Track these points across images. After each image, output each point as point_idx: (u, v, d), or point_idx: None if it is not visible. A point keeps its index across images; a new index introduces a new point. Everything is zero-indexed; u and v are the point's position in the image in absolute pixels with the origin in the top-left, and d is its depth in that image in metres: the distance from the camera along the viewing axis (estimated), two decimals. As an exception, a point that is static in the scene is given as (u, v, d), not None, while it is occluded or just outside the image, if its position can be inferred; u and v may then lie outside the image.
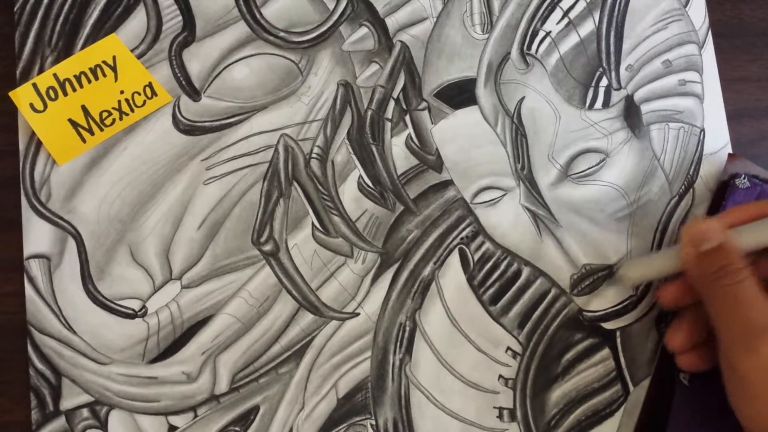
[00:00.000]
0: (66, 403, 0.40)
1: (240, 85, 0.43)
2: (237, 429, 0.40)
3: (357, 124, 0.43)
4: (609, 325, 0.42)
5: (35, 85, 0.42)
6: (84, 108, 0.42)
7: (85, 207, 0.42)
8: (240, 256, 0.41)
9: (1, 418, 0.40)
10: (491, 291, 0.42)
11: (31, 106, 0.41)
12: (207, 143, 0.42)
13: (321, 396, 0.40)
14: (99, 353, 0.40)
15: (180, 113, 0.43)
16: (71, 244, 0.41)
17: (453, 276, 0.42)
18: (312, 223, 0.42)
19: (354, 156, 0.43)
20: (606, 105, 0.44)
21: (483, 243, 0.42)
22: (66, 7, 0.43)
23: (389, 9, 0.44)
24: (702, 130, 0.44)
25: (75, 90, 0.42)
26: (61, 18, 0.43)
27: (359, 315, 0.41)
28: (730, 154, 0.44)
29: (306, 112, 0.43)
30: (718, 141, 0.44)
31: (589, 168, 0.43)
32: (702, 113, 0.44)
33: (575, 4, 0.45)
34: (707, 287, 0.35)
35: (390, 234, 0.42)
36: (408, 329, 0.41)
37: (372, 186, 0.43)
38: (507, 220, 0.42)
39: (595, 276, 0.42)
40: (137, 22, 0.43)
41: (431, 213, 0.43)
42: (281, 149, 0.43)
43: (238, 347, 0.41)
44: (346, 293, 0.41)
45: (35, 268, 0.41)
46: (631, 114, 0.44)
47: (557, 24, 0.45)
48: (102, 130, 0.42)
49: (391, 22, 0.44)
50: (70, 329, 0.40)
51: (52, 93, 0.42)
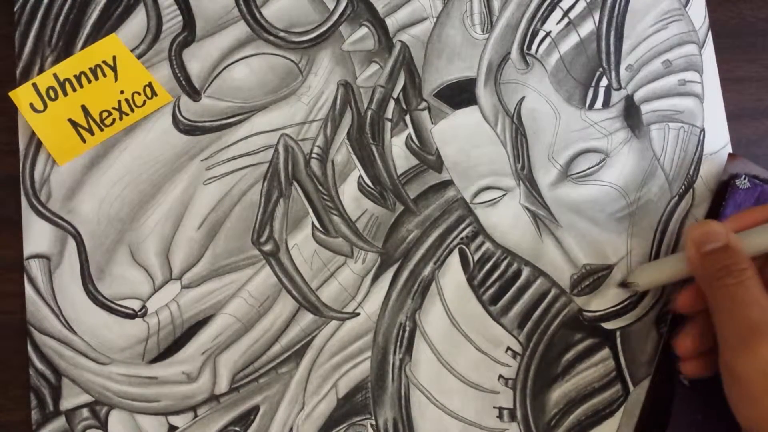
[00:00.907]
0: (66, 403, 0.40)
1: (240, 85, 0.43)
2: (237, 429, 0.40)
3: (357, 124, 0.43)
4: (609, 325, 0.42)
5: (35, 85, 0.42)
6: (84, 108, 0.42)
7: (85, 207, 0.42)
8: (240, 256, 0.41)
9: (1, 418, 0.40)
10: (491, 291, 0.42)
11: (31, 106, 0.41)
12: (207, 143, 0.42)
13: (321, 396, 0.40)
14: (99, 353, 0.40)
15: (180, 113, 0.43)
16: (71, 244, 0.41)
17: (453, 276, 0.42)
18: (312, 223, 0.42)
19: (354, 156, 0.43)
20: (606, 105, 0.44)
21: (483, 243, 0.42)
22: (66, 7, 0.43)
23: (389, 9, 0.44)
24: (702, 130, 0.44)
25: (75, 90, 0.42)
26: (61, 18, 0.43)
27: (359, 315, 0.41)
28: (730, 154, 0.44)
29: (306, 112, 0.43)
30: (718, 141, 0.44)
31: (589, 168, 0.43)
32: (702, 113, 0.44)
33: (575, 4, 0.45)
34: (710, 286, 0.34)
35: (390, 234, 0.42)
36: (408, 329, 0.41)
37: (372, 186, 0.43)
38: (507, 220, 0.42)
39: (595, 276, 0.42)
40: (137, 22, 0.43)
41: (431, 213, 0.43)
42: (281, 149, 0.43)
43: (238, 347, 0.41)
44: (346, 293, 0.41)
45: (35, 268, 0.41)
46: (631, 114, 0.44)
47: (557, 24, 0.45)
48: (102, 130, 0.42)
49: (391, 22, 0.44)
50: (70, 329, 0.40)
51: (52, 93, 0.42)
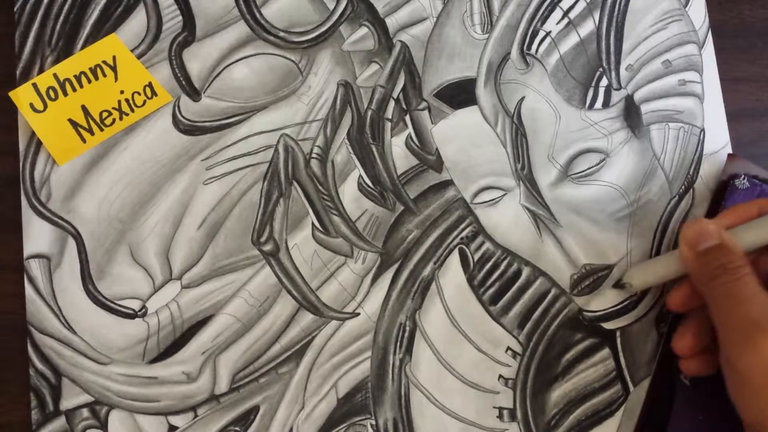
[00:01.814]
0: (66, 403, 0.40)
1: (240, 85, 0.43)
2: (237, 429, 0.40)
3: (357, 124, 0.43)
4: (609, 325, 0.42)
5: (35, 85, 0.42)
6: (84, 108, 0.42)
7: (85, 207, 0.42)
8: (240, 256, 0.41)
9: (1, 418, 0.40)
10: (491, 291, 0.42)
11: (31, 106, 0.41)
12: (207, 143, 0.42)
13: (321, 396, 0.40)
14: (99, 353, 0.40)
15: (180, 113, 0.43)
16: (71, 244, 0.41)
17: (453, 276, 0.42)
18: (312, 223, 0.42)
19: (354, 156, 0.43)
20: (606, 105, 0.44)
21: (483, 243, 0.42)
22: (66, 7, 0.43)
23: (389, 9, 0.44)
24: (702, 130, 0.44)
25: (75, 90, 0.42)
26: (61, 18, 0.43)
27: (359, 315, 0.41)
28: (729, 154, 0.44)
29: (306, 112, 0.43)
30: (718, 141, 0.44)
31: (589, 168, 0.43)
32: (702, 113, 0.44)
33: (575, 4, 0.45)
34: (707, 286, 0.34)
35: (390, 234, 0.42)
36: (408, 329, 0.41)
37: (372, 186, 0.43)
38: (507, 220, 0.42)
39: (595, 276, 0.42)
40: (137, 22, 0.43)
41: (431, 213, 0.43)
42: (281, 149, 0.43)
43: (238, 347, 0.41)
44: (346, 293, 0.41)
45: (35, 268, 0.41)
46: (631, 114, 0.44)
47: (557, 24, 0.45)
48: (102, 130, 0.42)
49: (391, 22, 0.44)
50: (70, 329, 0.40)
51: (52, 93, 0.42)
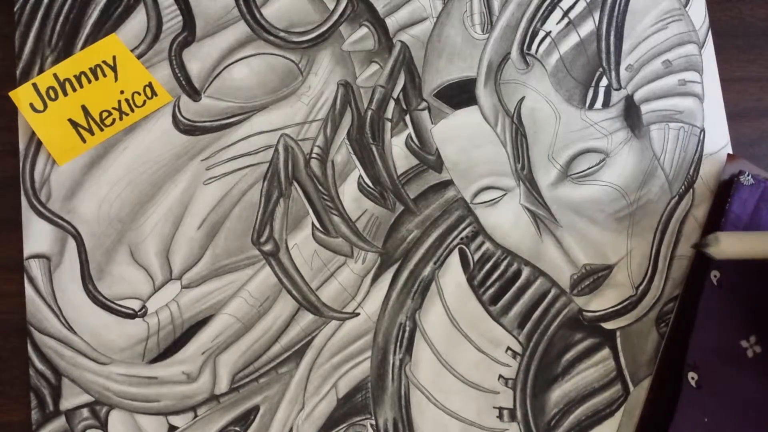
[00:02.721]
0: (66, 403, 0.40)
1: (240, 85, 0.43)
2: (237, 429, 0.40)
3: (357, 124, 0.43)
4: (609, 325, 0.42)
5: (35, 85, 0.42)
6: (84, 108, 0.42)
7: (85, 207, 0.42)
8: (240, 256, 0.41)
9: (1, 418, 0.40)
10: (491, 291, 0.42)
11: (31, 106, 0.41)
12: (207, 143, 0.42)
13: (321, 396, 0.40)
14: (99, 353, 0.40)
15: (180, 113, 0.43)
16: (71, 244, 0.41)
17: (453, 276, 0.42)
18: (312, 223, 0.42)
19: (354, 156, 0.43)
20: (606, 105, 0.44)
21: (483, 243, 0.42)
22: (66, 7, 0.43)
23: (389, 9, 0.44)
24: (702, 130, 0.44)
25: (75, 90, 0.42)
26: (61, 18, 0.43)
27: (359, 315, 0.41)
28: (729, 154, 0.44)
29: (306, 112, 0.43)
30: (718, 141, 0.44)
31: (589, 168, 0.43)
32: (702, 113, 0.44)
33: (575, 4, 0.45)
34: None
35: (390, 234, 0.42)
36: (408, 329, 0.41)
37: (372, 186, 0.43)
38: (507, 220, 0.42)
39: (595, 276, 0.42)
40: (137, 22, 0.43)
41: (431, 213, 0.43)
42: (281, 149, 0.43)
43: (238, 347, 0.41)
44: (346, 293, 0.41)
45: (35, 268, 0.41)
46: (631, 114, 0.44)
47: (557, 24, 0.45)
48: (102, 130, 0.42)
49: (391, 22, 0.44)
50: (70, 329, 0.40)
51: (52, 93, 0.42)
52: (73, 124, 0.42)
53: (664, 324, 0.41)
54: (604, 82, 0.44)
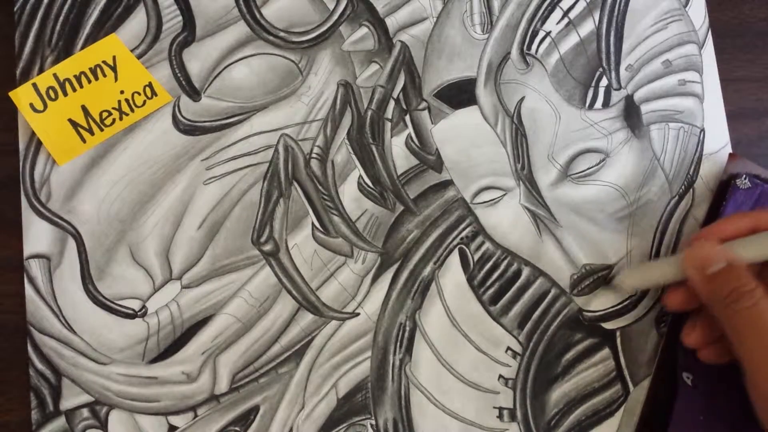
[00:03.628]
0: (66, 403, 0.40)
1: (240, 85, 0.43)
2: (237, 429, 0.40)
3: (357, 124, 0.43)
4: (609, 325, 0.42)
5: (35, 85, 0.42)
6: (84, 108, 0.42)
7: (85, 207, 0.42)
8: (240, 256, 0.41)
9: (1, 418, 0.40)
10: (491, 291, 0.42)
11: (31, 106, 0.41)
12: (207, 143, 0.42)
13: (321, 396, 0.40)
14: (99, 353, 0.40)
15: (180, 113, 0.43)
16: (71, 244, 0.41)
17: (453, 276, 0.42)
18: (312, 223, 0.42)
19: (354, 156, 0.43)
20: (606, 105, 0.44)
21: (483, 243, 0.42)
22: (66, 7, 0.43)
23: (389, 9, 0.44)
24: (702, 130, 0.44)
25: (75, 90, 0.42)
26: (61, 18, 0.43)
27: (359, 315, 0.41)
28: (730, 153, 0.44)
29: (306, 112, 0.43)
30: (718, 141, 0.44)
31: (589, 168, 0.43)
32: (702, 113, 0.44)
33: (575, 4, 0.45)
34: (722, 312, 0.34)
35: (390, 234, 0.42)
36: (408, 329, 0.41)
37: (372, 186, 0.43)
38: (507, 220, 0.42)
39: (595, 276, 0.42)
40: (137, 22, 0.43)
41: (431, 213, 0.43)
42: (281, 149, 0.43)
43: (238, 347, 0.41)
44: (346, 293, 0.41)
45: (35, 268, 0.41)
46: (631, 114, 0.44)
47: (557, 24, 0.45)
48: (102, 130, 0.42)
49: (391, 22, 0.44)
50: (70, 329, 0.40)
51: (52, 93, 0.42)
52: (73, 124, 0.42)
53: (663, 324, 0.41)
54: (604, 82, 0.44)
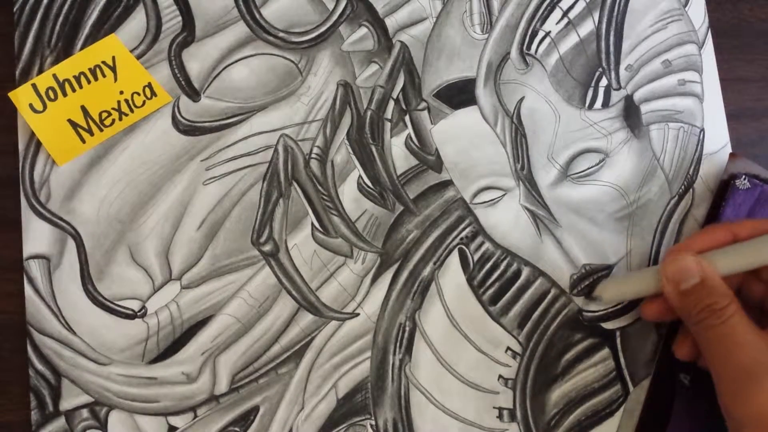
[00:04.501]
0: (66, 404, 0.40)
1: (239, 86, 0.43)
2: (237, 429, 0.40)
3: (357, 124, 0.43)
4: (609, 325, 0.42)
5: (35, 86, 0.42)
6: (83, 108, 0.42)
7: (85, 207, 0.42)
8: (240, 256, 0.41)
9: (1, 418, 0.40)
10: (491, 291, 0.42)
11: (31, 106, 0.41)
12: (206, 143, 0.42)
13: (321, 396, 0.40)
14: (99, 354, 0.40)
15: (179, 113, 0.43)
16: (71, 244, 0.41)
17: (453, 276, 0.42)
18: (312, 224, 0.42)
19: (354, 156, 0.43)
20: (606, 105, 0.44)
21: (483, 243, 0.42)
22: (66, 7, 0.43)
23: (389, 9, 0.44)
24: (702, 130, 0.44)
25: (74, 90, 0.42)
26: (61, 18, 0.43)
27: (359, 315, 0.41)
28: (731, 153, 0.44)
29: (306, 112, 0.43)
30: (717, 141, 0.44)
31: (589, 168, 0.43)
32: (702, 113, 0.44)
33: (575, 4, 0.45)
34: (695, 327, 0.34)
35: (390, 234, 0.42)
36: (408, 329, 0.41)
37: (372, 186, 0.43)
38: (507, 220, 0.42)
39: (595, 276, 0.42)
40: (137, 22, 0.43)
41: (431, 213, 0.42)
42: (281, 149, 0.43)
43: (237, 347, 0.41)
44: (345, 293, 0.41)
45: (35, 268, 0.41)
46: (631, 114, 0.44)
47: (557, 24, 0.45)
48: (101, 130, 0.42)
49: (391, 22, 0.44)
50: (69, 330, 0.40)
51: (51, 93, 0.42)
52: (73, 124, 0.42)
53: (663, 324, 0.41)
54: (603, 82, 0.44)
